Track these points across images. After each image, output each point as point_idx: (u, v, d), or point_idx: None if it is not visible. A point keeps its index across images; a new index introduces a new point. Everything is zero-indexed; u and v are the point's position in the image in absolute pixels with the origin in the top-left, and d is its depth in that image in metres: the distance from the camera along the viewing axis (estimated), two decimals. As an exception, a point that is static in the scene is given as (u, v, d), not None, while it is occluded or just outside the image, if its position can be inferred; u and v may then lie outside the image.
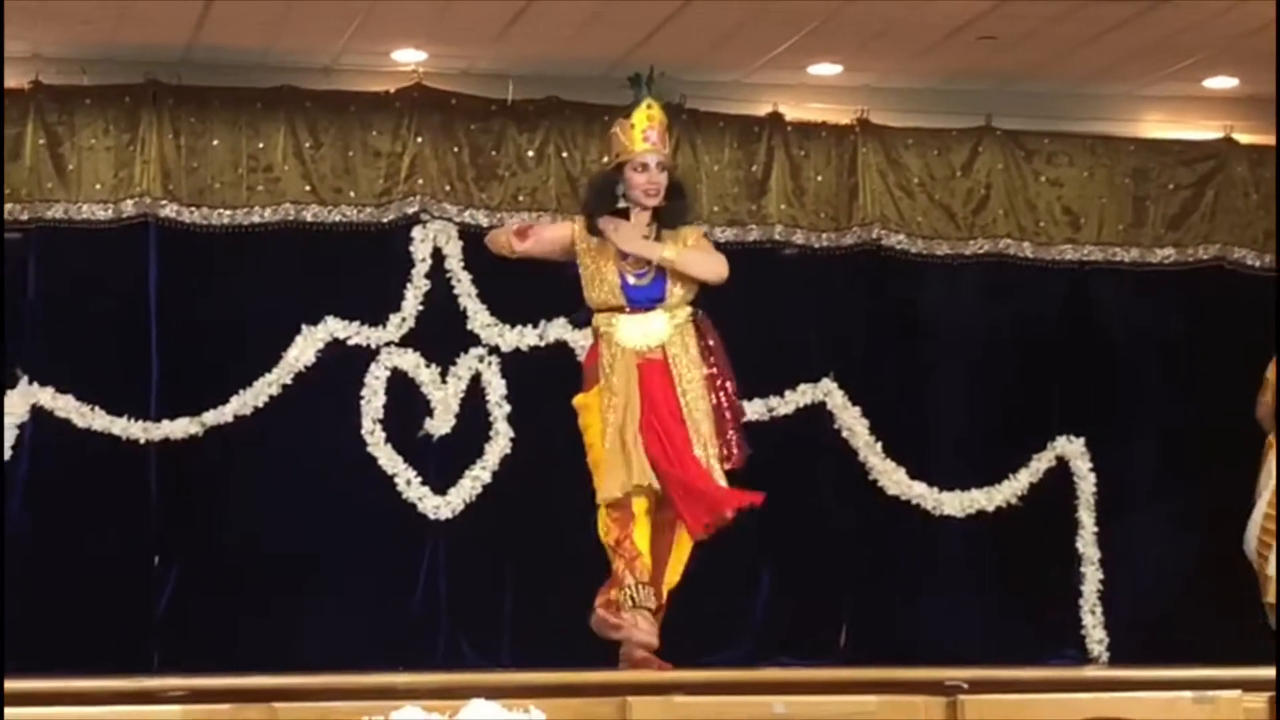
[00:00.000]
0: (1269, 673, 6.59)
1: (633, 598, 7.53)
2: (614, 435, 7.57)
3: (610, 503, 7.57)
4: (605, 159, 8.33)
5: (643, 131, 7.75)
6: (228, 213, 9.88)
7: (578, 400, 7.81)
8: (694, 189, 10.26)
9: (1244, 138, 10.80)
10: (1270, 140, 10.70)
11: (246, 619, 9.56)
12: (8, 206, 9.68)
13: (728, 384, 7.83)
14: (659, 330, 7.71)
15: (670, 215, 7.81)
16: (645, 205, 7.74)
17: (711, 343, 7.84)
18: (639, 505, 7.56)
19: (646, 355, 7.69)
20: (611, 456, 7.56)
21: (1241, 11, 9.33)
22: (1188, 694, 6.54)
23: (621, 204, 7.80)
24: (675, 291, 7.74)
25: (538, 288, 9.98)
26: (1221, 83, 10.55)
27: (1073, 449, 10.56)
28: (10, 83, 9.73)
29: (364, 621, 9.66)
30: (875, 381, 10.41)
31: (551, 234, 7.99)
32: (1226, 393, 10.38)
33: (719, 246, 10.11)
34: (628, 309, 7.73)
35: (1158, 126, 10.86)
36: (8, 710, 5.60)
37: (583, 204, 8.06)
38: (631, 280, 7.73)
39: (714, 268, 7.89)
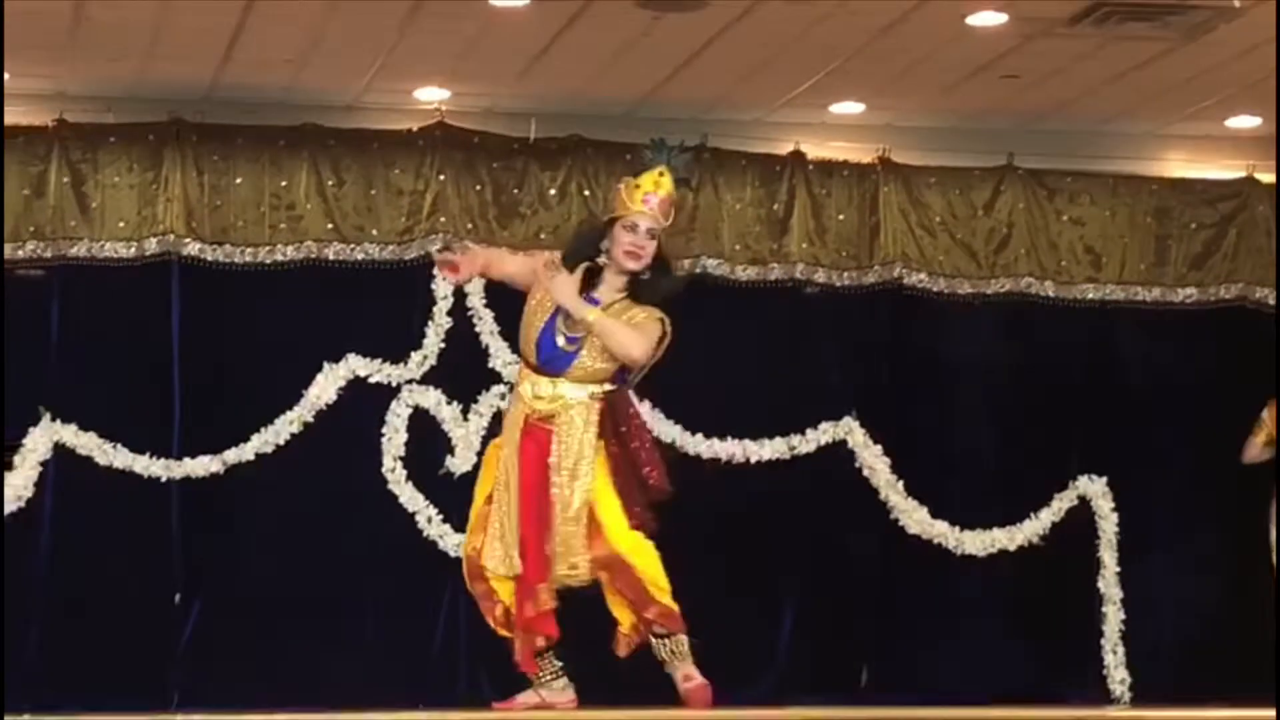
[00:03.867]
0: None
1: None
2: (502, 503, 7.29)
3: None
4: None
5: (644, 195, 7.32)
6: (250, 250, 9.90)
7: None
8: (716, 227, 10.32)
9: (1266, 177, 10.76)
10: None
11: (267, 657, 9.55)
12: (30, 245, 9.72)
13: (640, 463, 7.34)
14: (558, 396, 7.30)
15: (644, 289, 7.35)
16: (625, 267, 7.30)
17: (623, 425, 7.35)
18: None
19: (533, 420, 7.32)
20: (499, 527, 7.29)
21: (1264, 52, 9.32)
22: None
23: (602, 260, 7.36)
24: (585, 364, 7.29)
25: (560, 326, 10.00)
26: (1244, 122, 10.55)
27: (1095, 489, 10.53)
28: (35, 120, 9.78)
29: (385, 659, 9.65)
30: (897, 420, 10.39)
31: (514, 266, 7.60)
32: (1250, 433, 10.36)
33: (740, 285, 10.24)
34: (536, 367, 7.36)
35: (1180, 166, 10.85)
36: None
37: (566, 250, 7.54)
38: (559, 341, 7.31)
39: (628, 342, 7.25)
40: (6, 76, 9.58)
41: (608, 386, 7.36)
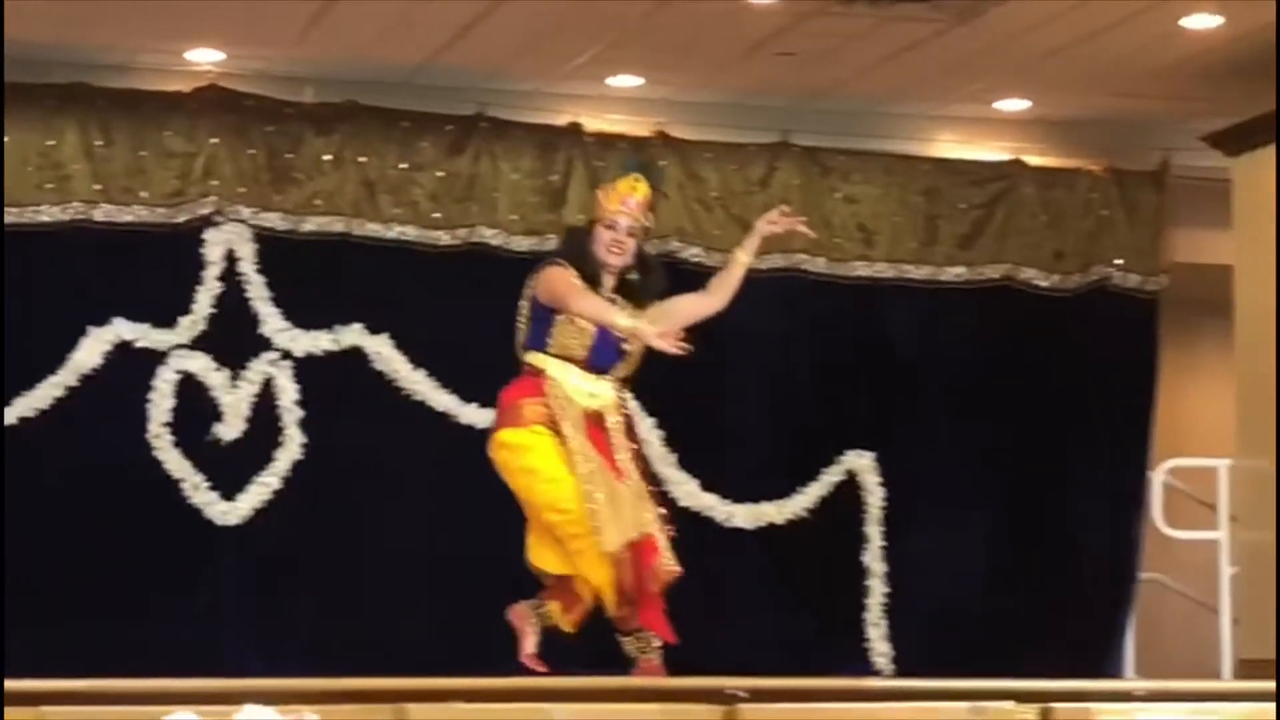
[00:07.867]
0: (1041, 684, 6.70)
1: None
2: (599, 484, 7.54)
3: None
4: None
5: (622, 196, 7.77)
6: (14, 210, 9.72)
7: (507, 437, 7.64)
8: (492, 197, 10.30)
9: (1033, 160, 10.99)
10: (1058, 163, 10.98)
11: (23, 622, 9.38)
12: None
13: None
14: (604, 393, 7.74)
15: (644, 290, 7.79)
16: (607, 262, 7.68)
17: (633, 425, 7.99)
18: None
19: (588, 411, 7.70)
20: (604, 507, 7.54)
21: (1034, 36, 9.50)
22: (963, 705, 6.62)
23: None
24: (629, 364, 7.83)
25: (332, 292, 9.97)
26: (1012, 105, 10.72)
27: (862, 464, 10.66)
28: None
29: (146, 625, 9.52)
30: (670, 393, 10.40)
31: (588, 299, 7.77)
32: (1014, 409, 10.59)
33: (516, 256, 10.24)
34: (584, 363, 7.71)
35: (950, 147, 11.01)
36: None
37: (564, 253, 7.86)
38: (620, 346, 7.74)
39: (701, 307, 8.07)
40: None
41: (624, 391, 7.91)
